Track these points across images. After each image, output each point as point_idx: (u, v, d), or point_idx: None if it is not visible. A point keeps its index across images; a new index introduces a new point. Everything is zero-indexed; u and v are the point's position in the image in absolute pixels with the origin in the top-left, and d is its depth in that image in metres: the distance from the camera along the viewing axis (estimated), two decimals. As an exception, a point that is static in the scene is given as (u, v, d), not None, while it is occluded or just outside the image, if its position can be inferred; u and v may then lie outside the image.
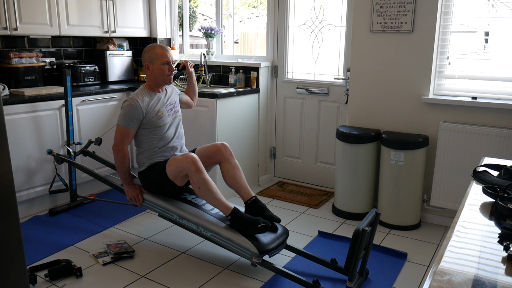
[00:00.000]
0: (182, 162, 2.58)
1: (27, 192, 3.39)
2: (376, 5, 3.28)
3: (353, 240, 2.25)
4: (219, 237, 2.53)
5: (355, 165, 3.34)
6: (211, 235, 2.56)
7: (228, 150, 2.79)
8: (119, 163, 2.77)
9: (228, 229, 2.50)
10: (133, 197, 2.83)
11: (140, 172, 2.84)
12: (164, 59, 2.74)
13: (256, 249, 2.38)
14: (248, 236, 2.44)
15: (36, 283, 2.47)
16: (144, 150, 2.80)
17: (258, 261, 2.42)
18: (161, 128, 2.78)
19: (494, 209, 1.40)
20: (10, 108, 3.20)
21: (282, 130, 4.29)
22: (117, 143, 2.72)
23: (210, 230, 2.55)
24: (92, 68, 4.18)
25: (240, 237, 2.44)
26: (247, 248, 2.41)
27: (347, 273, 2.38)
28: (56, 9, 3.68)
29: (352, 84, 3.54)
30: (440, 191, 3.18)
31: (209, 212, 2.68)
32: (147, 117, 2.72)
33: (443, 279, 0.98)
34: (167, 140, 2.81)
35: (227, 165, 2.76)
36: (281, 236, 2.55)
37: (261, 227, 2.43)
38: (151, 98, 2.76)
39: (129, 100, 2.70)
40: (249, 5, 6.43)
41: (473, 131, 3.00)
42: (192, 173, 2.55)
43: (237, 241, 2.45)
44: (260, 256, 2.40)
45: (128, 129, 2.69)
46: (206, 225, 2.57)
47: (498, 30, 3.14)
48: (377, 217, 2.43)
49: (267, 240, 2.46)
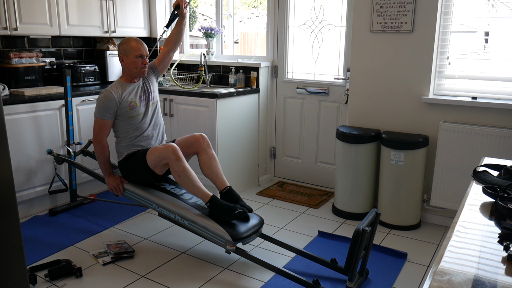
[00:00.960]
0: (163, 151, 2.67)
1: (27, 192, 3.39)
2: (376, 5, 3.28)
3: (353, 240, 2.25)
4: (195, 225, 2.61)
5: (355, 165, 3.34)
6: (188, 223, 2.64)
7: (205, 141, 2.87)
8: (98, 154, 2.87)
9: (204, 218, 2.58)
10: (113, 187, 2.91)
11: (119, 162, 2.92)
12: (138, 52, 2.81)
13: (230, 237, 2.46)
14: (223, 225, 2.52)
15: (36, 283, 2.47)
16: (121, 139, 2.89)
17: (232, 248, 2.49)
18: (135, 118, 2.85)
19: (494, 209, 1.40)
20: (10, 108, 3.20)
21: (282, 130, 4.29)
22: (96, 135, 2.83)
23: (187, 219, 2.63)
24: (92, 68, 4.18)
25: (214, 225, 2.52)
26: (222, 235, 2.49)
27: (347, 273, 2.38)
28: (56, 9, 3.68)
29: (352, 84, 3.54)
30: (440, 191, 3.18)
31: (187, 201, 2.76)
32: (121, 107, 2.81)
33: (443, 279, 0.98)
34: (142, 130, 2.89)
35: (204, 155, 2.84)
36: (256, 225, 2.62)
37: (238, 213, 2.53)
38: (124, 89, 2.84)
39: (104, 92, 2.80)
40: (249, 5, 6.43)
41: (473, 131, 3.00)
42: (172, 161, 2.64)
43: (212, 229, 2.52)
44: (234, 243, 2.47)
45: (104, 120, 2.79)
46: (183, 214, 2.66)
47: (498, 30, 3.14)
48: (377, 217, 2.43)
49: (241, 228, 2.53)
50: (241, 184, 4.00)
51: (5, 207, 1.35)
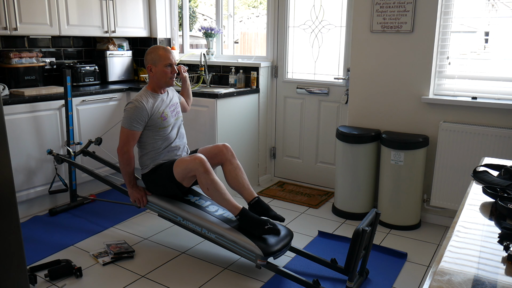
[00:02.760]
0: (191, 163, 2.59)
1: (27, 192, 3.39)
2: (376, 5, 3.28)
3: (353, 240, 2.25)
4: (223, 239, 2.52)
5: (355, 165, 3.34)
6: (215, 237, 2.55)
7: (229, 151, 2.80)
8: (124, 166, 2.76)
9: (233, 231, 2.49)
10: (137, 199, 2.83)
11: (144, 174, 2.84)
12: (167, 61, 2.74)
13: (261, 251, 2.37)
14: (253, 238, 2.43)
15: (36, 283, 2.47)
16: (148, 151, 2.80)
17: (263, 263, 2.40)
18: (165, 129, 2.79)
19: (494, 209, 1.40)
20: (10, 108, 3.20)
21: (282, 130, 4.29)
22: (123, 146, 2.71)
23: (214, 232, 2.55)
24: (92, 68, 4.18)
25: (244, 238, 2.43)
26: (252, 250, 2.40)
27: (347, 273, 2.38)
28: (56, 9, 3.68)
29: (352, 84, 3.54)
30: (440, 191, 3.18)
31: (213, 214, 2.68)
32: (153, 118, 2.73)
33: (443, 279, 0.98)
34: (170, 140, 2.83)
35: (229, 166, 2.77)
36: (285, 237, 2.54)
37: (268, 229, 2.45)
38: (155, 100, 2.78)
39: (134, 102, 2.69)
40: (249, 5, 6.43)
41: (473, 131, 3.00)
42: (200, 174, 2.55)
43: (241, 243, 2.44)
44: (265, 258, 2.39)
45: (134, 131, 2.69)
46: (210, 227, 2.56)
47: (498, 30, 3.14)
48: (377, 217, 2.43)
49: (272, 242, 2.45)
50: (241, 184, 3.99)
51: (5, 207, 1.35)
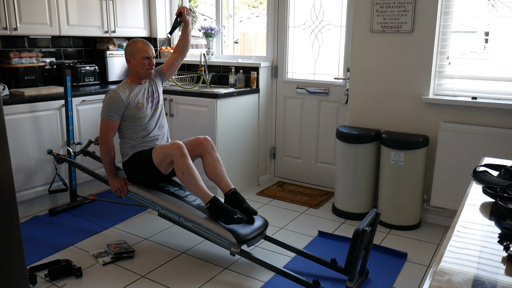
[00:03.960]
0: (169, 148, 2.68)
1: (27, 192, 3.39)
2: (376, 5, 3.27)
3: (353, 240, 2.25)
4: (199, 227, 2.60)
5: (355, 165, 3.34)
6: (192, 225, 2.63)
7: (210, 144, 2.87)
8: (104, 155, 2.87)
9: (208, 220, 2.58)
10: (117, 189, 2.91)
11: (124, 162, 2.92)
12: (145, 54, 2.83)
13: (235, 239, 2.45)
14: (228, 227, 2.52)
15: (36, 283, 2.47)
16: (126, 140, 2.89)
17: (236, 250, 2.49)
18: (142, 119, 2.87)
19: (494, 209, 1.39)
20: (10, 108, 3.20)
21: (282, 130, 4.29)
22: (102, 136, 2.82)
23: (191, 221, 2.63)
24: (92, 68, 4.18)
25: (219, 227, 2.52)
26: (226, 238, 2.48)
27: (347, 273, 2.38)
28: (56, 9, 3.68)
29: (352, 84, 3.54)
30: (440, 191, 3.18)
31: (191, 203, 2.76)
32: (128, 108, 2.82)
33: (443, 279, 0.97)
34: (148, 130, 2.90)
35: (208, 158, 2.83)
36: (260, 227, 2.62)
37: (237, 218, 2.51)
38: (131, 90, 2.86)
39: (111, 92, 2.80)
40: (249, 5, 6.43)
41: (473, 131, 3.00)
42: (177, 158, 2.63)
43: (216, 231, 2.52)
44: (239, 245, 2.47)
45: (112, 121, 2.79)
46: (187, 216, 2.64)
47: (498, 30, 3.14)
48: (377, 217, 2.43)
49: (246, 230, 2.53)
50: (241, 184, 3.99)
51: (5, 207, 1.35)
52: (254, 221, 2.64)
